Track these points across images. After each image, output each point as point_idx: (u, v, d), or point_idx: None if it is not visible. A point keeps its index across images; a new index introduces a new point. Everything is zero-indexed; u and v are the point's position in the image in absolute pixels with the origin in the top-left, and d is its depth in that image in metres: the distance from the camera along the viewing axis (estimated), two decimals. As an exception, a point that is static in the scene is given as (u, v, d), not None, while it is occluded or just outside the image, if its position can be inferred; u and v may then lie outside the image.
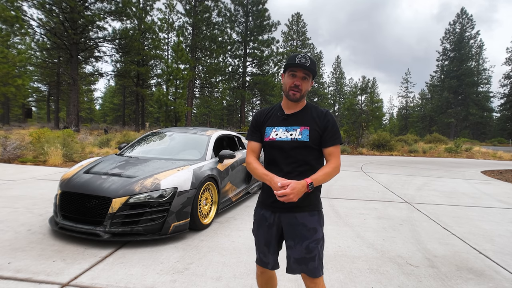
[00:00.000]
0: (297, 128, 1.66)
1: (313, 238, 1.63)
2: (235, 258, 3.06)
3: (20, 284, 2.41)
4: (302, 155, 1.64)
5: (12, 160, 9.18)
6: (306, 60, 1.60)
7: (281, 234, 1.73)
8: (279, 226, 1.71)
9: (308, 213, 1.66)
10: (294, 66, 1.61)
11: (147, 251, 3.13)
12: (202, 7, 31.99)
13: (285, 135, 1.66)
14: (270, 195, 1.66)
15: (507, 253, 3.48)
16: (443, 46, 61.41)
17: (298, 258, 1.64)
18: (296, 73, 1.63)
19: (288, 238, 1.68)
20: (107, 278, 2.55)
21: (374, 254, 3.30)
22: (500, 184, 8.63)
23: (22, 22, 18.18)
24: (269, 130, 1.72)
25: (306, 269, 1.63)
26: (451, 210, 5.37)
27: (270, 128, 1.72)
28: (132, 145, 5.07)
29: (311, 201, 1.66)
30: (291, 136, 1.65)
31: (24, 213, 4.22)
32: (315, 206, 1.69)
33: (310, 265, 1.62)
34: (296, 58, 1.61)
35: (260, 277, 1.88)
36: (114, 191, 3.26)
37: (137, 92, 33.22)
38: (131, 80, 33.87)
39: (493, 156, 19.86)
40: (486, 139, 53.73)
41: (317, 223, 1.67)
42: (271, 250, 1.75)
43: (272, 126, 1.72)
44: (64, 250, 3.07)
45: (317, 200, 1.71)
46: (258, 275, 1.88)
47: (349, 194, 6.33)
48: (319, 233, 1.66)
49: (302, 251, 1.63)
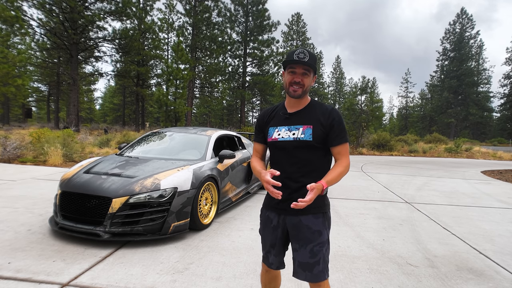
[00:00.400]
0: (299, 127, 1.60)
1: (318, 241, 1.59)
2: (235, 258, 3.06)
3: (20, 284, 2.41)
4: (306, 155, 1.59)
5: (12, 160, 9.18)
6: (305, 56, 1.54)
7: (286, 235, 1.71)
8: (284, 228, 1.69)
9: (313, 216, 1.61)
10: (293, 63, 1.55)
11: (147, 251, 3.13)
12: (202, 7, 31.99)
13: (288, 134, 1.61)
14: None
15: (507, 253, 3.48)
16: (443, 46, 61.43)
17: (303, 263, 1.61)
18: (296, 70, 1.57)
19: (293, 241, 1.66)
20: (107, 278, 2.54)
21: (374, 254, 3.30)
22: (500, 184, 8.63)
23: (22, 22, 18.18)
24: (272, 130, 1.69)
25: (311, 275, 1.59)
26: (451, 210, 5.37)
27: (273, 128, 1.69)
28: (132, 145, 5.07)
29: (317, 203, 1.59)
30: (294, 136, 1.60)
31: (24, 213, 4.21)
32: (320, 208, 1.63)
33: (315, 269, 1.59)
34: (294, 54, 1.55)
35: (264, 275, 1.87)
36: (114, 191, 3.26)
37: (137, 92, 33.22)
38: (131, 80, 33.86)
39: (493, 156, 19.86)
40: (486, 139, 53.73)
41: (321, 225, 1.61)
42: (276, 252, 1.73)
43: (275, 126, 1.68)
44: (64, 250, 3.07)
45: (323, 202, 1.64)
46: (262, 273, 1.88)
47: (349, 194, 6.33)
48: (323, 236, 1.61)
49: (306, 254, 1.60)
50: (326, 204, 1.67)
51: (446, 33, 60.89)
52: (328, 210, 1.68)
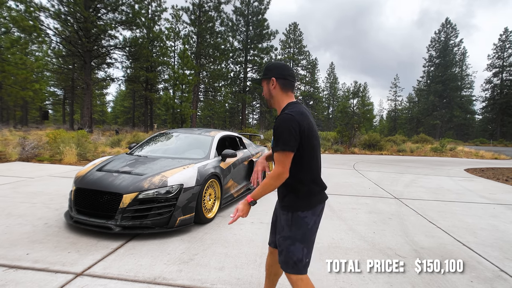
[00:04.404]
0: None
1: (282, 234, 1.64)
2: (237, 249, 3.06)
3: (38, 274, 2.41)
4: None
5: (30, 159, 9.17)
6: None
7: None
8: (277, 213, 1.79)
9: (282, 212, 1.66)
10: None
11: (155, 243, 3.13)
12: (206, 17, 31.97)
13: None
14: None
15: (488, 245, 3.48)
16: (429, 53, 61.34)
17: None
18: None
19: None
20: (118, 268, 2.54)
21: (365, 246, 3.30)
22: (482, 181, 8.62)
23: (40, 31, 18.15)
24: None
25: (279, 259, 1.66)
26: (437, 205, 5.36)
27: None
28: (141, 145, 5.06)
29: (286, 202, 1.63)
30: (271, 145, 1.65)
31: (41, 208, 4.21)
32: (289, 207, 1.61)
33: (280, 258, 1.64)
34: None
35: (268, 257, 1.91)
36: (125, 188, 3.26)
37: (146, 96, 33.19)
38: (140, 84, 33.84)
39: (476, 155, 19.84)
40: (469, 139, 53.67)
41: (286, 222, 1.61)
42: (272, 230, 1.86)
43: None
44: (78, 242, 3.07)
45: (293, 203, 1.59)
46: (268, 255, 1.92)
47: (342, 190, 6.32)
48: (285, 231, 1.61)
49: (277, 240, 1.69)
50: (296, 206, 1.59)
51: (432, 41, 60.83)
52: (299, 211, 1.58)
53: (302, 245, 1.58)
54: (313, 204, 1.61)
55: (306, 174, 1.59)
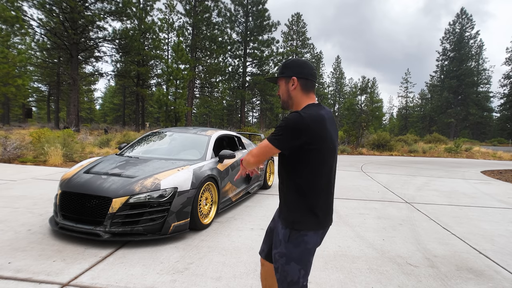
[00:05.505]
0: None
1: (278, 249, 1.57)
2: (235, 258, 3.06)
3: (20, 284, 2.41)
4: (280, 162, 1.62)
5: (12, 160, 9.18)
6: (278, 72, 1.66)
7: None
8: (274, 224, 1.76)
9: (281, 225, 1.60)
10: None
11: (147, 251, 3.13)
12: (202, 7, 31.99)
13: None
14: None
15: (507, 253, 3.48)
16: (442, 46, 61.45)
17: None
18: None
19: None
20: (107, 278, 2.54)
21: (374, 254, 3.30)
22: (500, 184, 8.63)
23: (22, 22, 18.17)
24: None
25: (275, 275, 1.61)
26: (451, 210, 5.37)
27: None
28: (132, 145, 5.07)
29: (285, 215, 1.58)
30: None
31: (24, 213, 4.21)
32: (287, 222, 1.55)
33: (276, 274, 1.59)
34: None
35: (261, 268, 1.88)
36: (114, 191, 3.26)
37: (137, 92, 33.20)
38: (131, 80, 33.87)
39: (493, 156, 19.86)
40: (486, 139, 53.73)
41: (283, 237, 1.55)
42: (265, 239, 1.82)
43: None
44: (64, 250, 3.07)
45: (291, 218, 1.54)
46: (260, 266, 1.90)
47: (349, 194, 6.33)
48: (282, 247, 1.54)
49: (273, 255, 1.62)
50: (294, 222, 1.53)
51: (446, 33, 60.92)
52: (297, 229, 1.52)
53: (299, 266, 1.52)
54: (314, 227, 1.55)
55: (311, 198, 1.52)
